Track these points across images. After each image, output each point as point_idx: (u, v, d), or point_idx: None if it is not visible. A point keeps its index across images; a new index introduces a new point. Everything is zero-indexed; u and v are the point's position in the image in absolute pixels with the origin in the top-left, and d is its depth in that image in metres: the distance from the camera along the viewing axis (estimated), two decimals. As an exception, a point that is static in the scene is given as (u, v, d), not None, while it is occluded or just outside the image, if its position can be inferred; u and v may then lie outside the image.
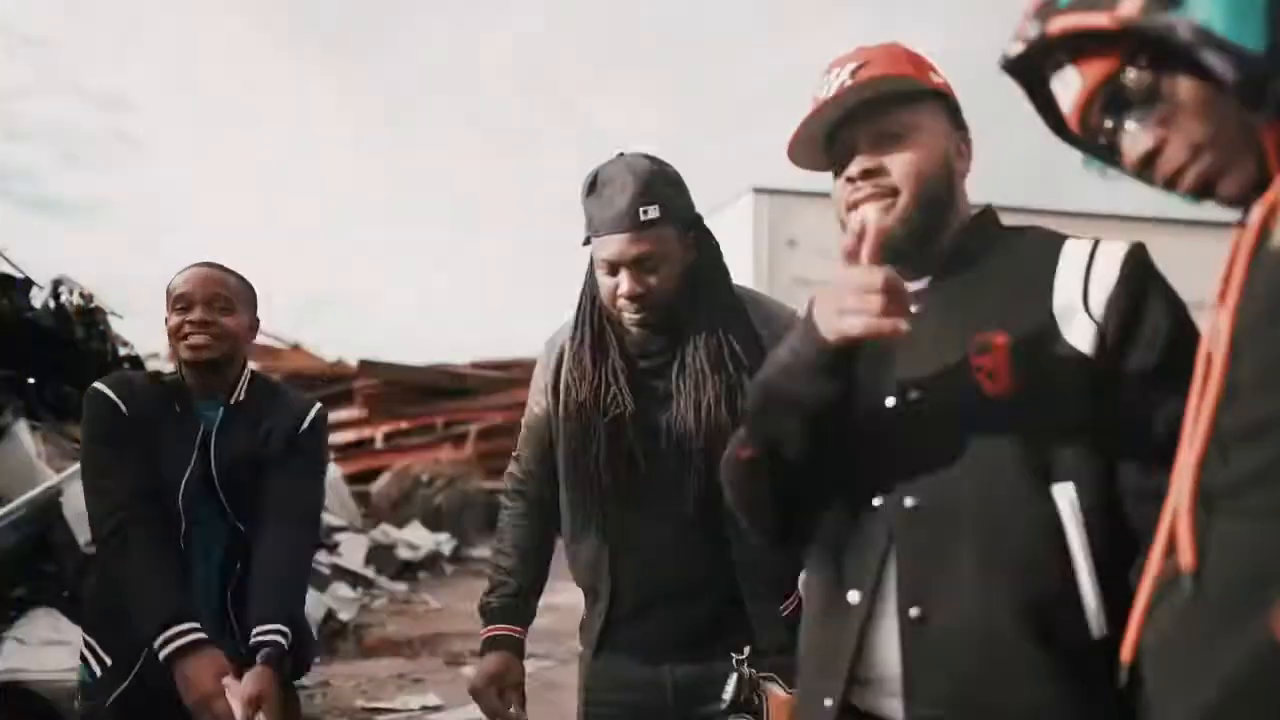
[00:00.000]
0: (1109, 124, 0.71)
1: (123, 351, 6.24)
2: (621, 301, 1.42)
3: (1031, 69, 0.77)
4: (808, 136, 1.02)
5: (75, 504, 3.99)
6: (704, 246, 1.50)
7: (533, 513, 1.64)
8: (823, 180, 1.09)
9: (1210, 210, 0.73)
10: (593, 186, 1.44)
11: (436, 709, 3.93)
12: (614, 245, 1.39)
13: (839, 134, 1.01)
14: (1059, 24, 0.69)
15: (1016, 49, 0.74)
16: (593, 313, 1.50)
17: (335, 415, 14.54)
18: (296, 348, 17.25)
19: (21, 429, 4.42)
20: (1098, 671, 0.82)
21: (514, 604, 1.59)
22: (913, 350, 0.93)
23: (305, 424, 1.77)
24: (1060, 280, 0.91)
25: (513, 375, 15.14)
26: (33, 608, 3.46)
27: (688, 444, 1.43)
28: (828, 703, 0.94)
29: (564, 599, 8.16)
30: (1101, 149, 0.75)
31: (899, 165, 0.98)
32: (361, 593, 6.87)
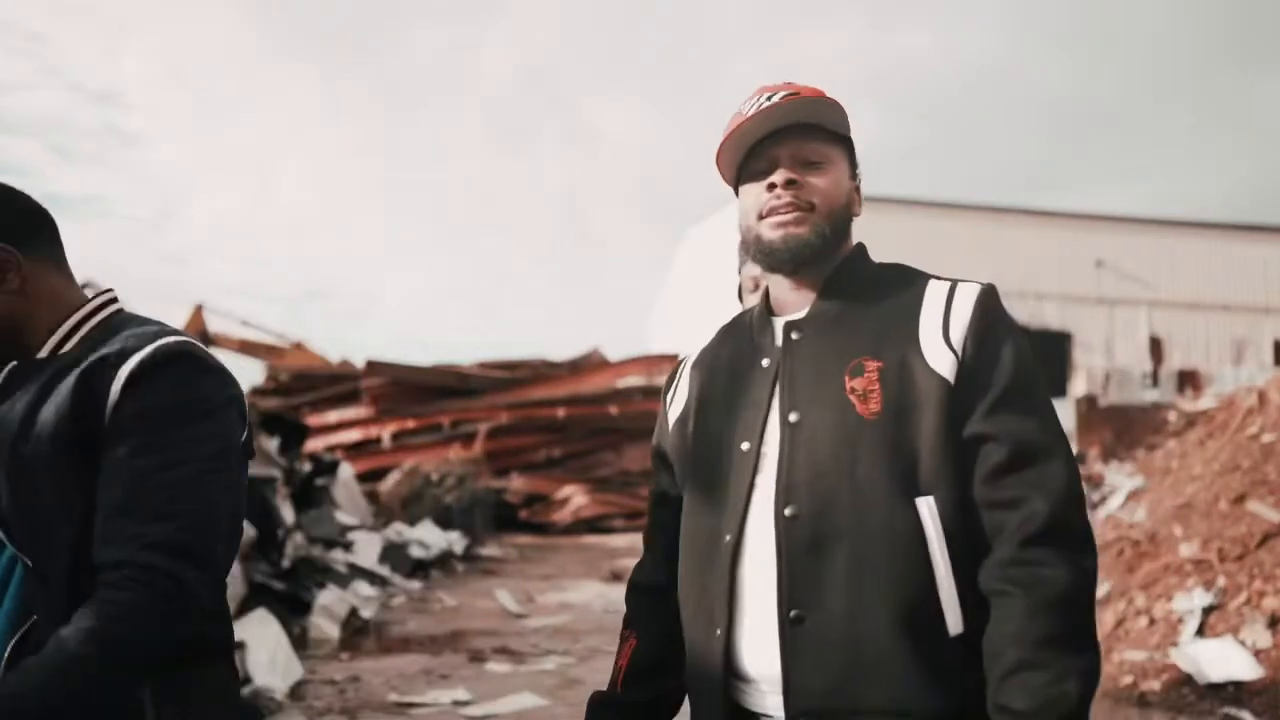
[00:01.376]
0: None
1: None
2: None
3: None
4: (733, 144, 1.09)
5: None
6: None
7: None
8: None
9: (1210, 213, 0.82)
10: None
11: (466, 703, 4.05)
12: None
13: (762, 149, 1.08)
14: None
15: None
16: None
17: (342, 414, 14.64)
18: (299, 346, 17.32)
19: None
20: (956, 664, 0.92)
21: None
22: (795, 375, 1.02)
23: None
24: (924, 314, 1.00)
25: (518, 375, 15.25)
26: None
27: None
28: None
29: (577, 597, 8.29)
30: None
31: (819, 186, 1.07)
32: (379, 591, 6.98)
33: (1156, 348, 21.79)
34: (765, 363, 1.07)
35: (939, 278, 1.06)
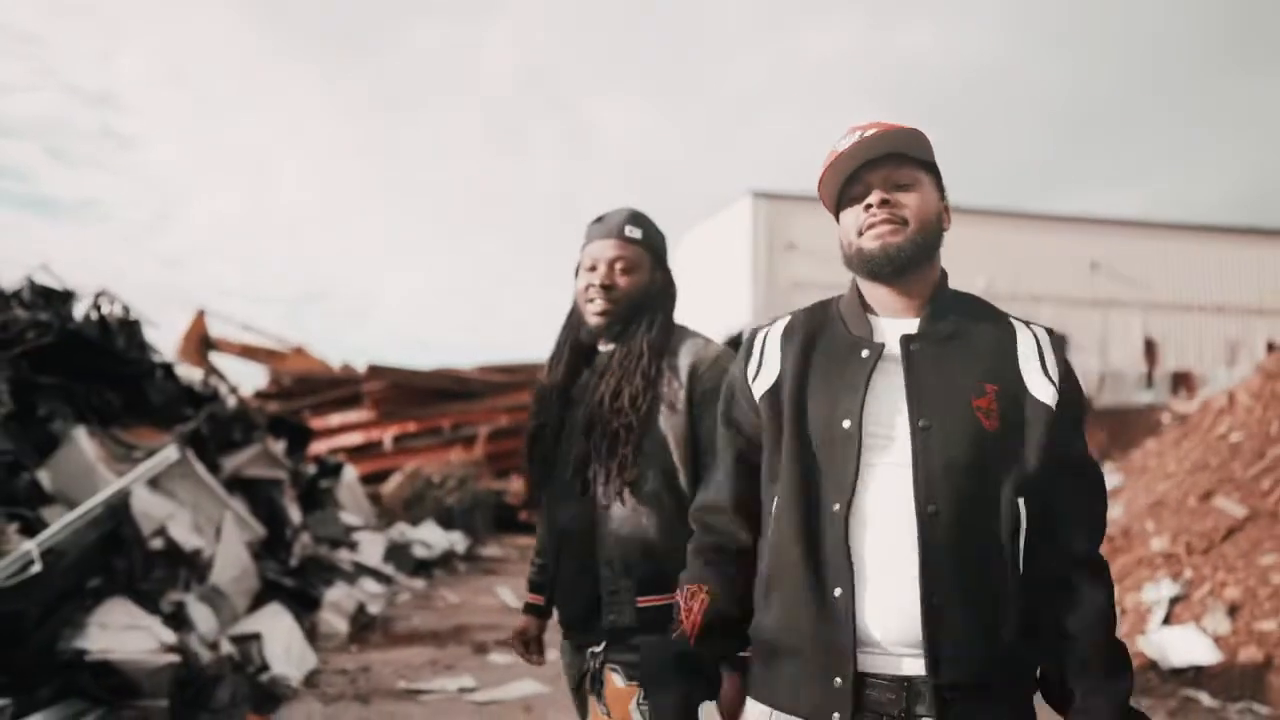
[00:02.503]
0: None
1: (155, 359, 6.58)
2: (593, 290, 1.68)
3: None
4: (833, 175, 1.26)
5: (144, 503, 4.34)
6: (666, 285, 1.76)
7: None
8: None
9: (1207, 215, 0.94)
10: (598, 219, 1.75)
11: (472, 690, 4.27)
12: (600, 247, 1.70)
13: (857, 177, 1.26)
14: None
15: None
16: (567, 321, 1.79)
17: (344, 417, 14.85)
18: (300, 350, 17.51)
19: (80, 435, 4.74)
20: (1030, 645, 1.14)
21: (537, 579, 1.87)
22: (923, 385, 1.17)
23: None
24: (1021, 350, 1.22)
25: (517, 379, 15.45)
26: (108, 597, 3.80)
27: (593, 430, 1.64)
28: (838, 681, 1.11)
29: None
30: None
31: (910, 203, 1.24)
32: (385, 588, 7.20)
33: (1151, 350, 21.99)
34: (865, 353, 1.21)
35: (1012, 316, 1.28)
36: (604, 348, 1.72)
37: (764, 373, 1.28)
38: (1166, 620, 4.61)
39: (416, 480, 11.03)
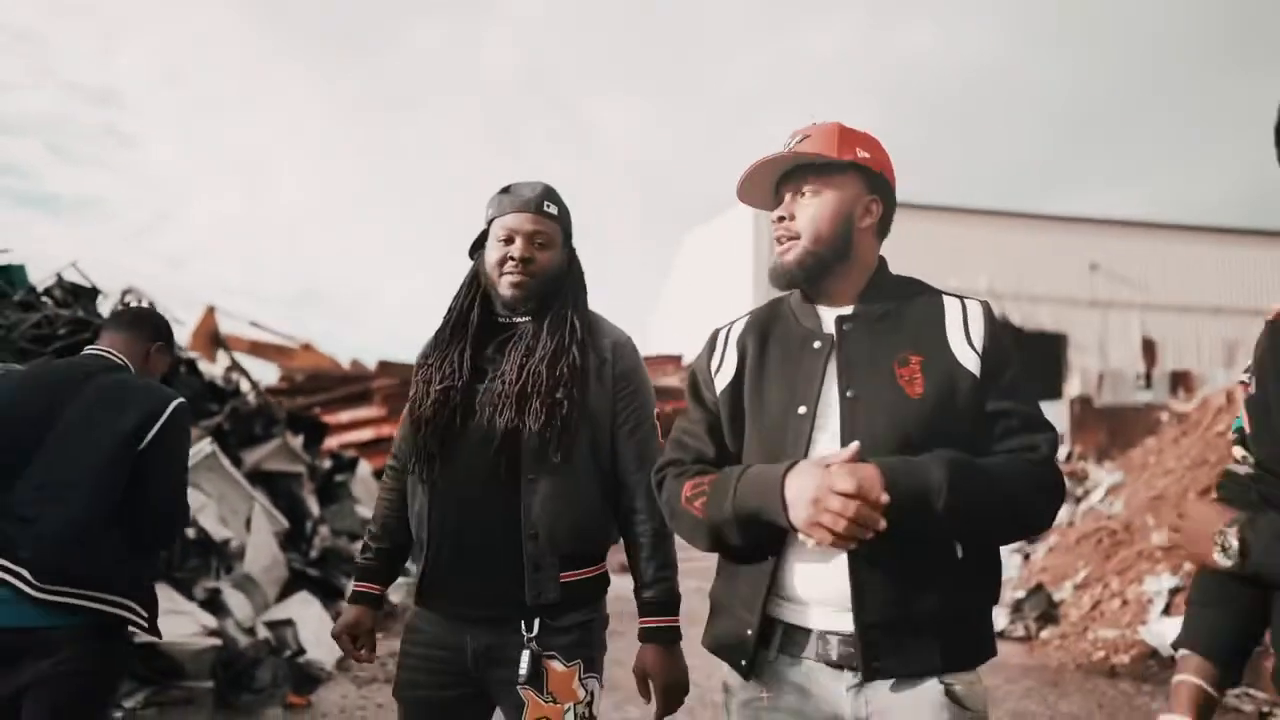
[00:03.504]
0: None
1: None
2: (509, 264, 1.63)
3: None
4: (756, 183, 1.40)
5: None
6: (575, 265, 1.74)
7: (398, 487, 1.79)
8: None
9: (1207, 216, 1.05)
10: (505, 190, 1.71)
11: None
12: (517, 220, 1.65)
13: (781, 183, 1.39)
14: None
15: None
16: (467, 293, 1.71)
17: (354, 414, 14.98)
18: (307, 347, 17.62)
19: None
20: (966, 580, 1.22)
21: (373, 565, 1.81)
22: (850, 360, 1.27)
23: None
24: (948, 321, 1.30)
25: (524, 376, 15.56)
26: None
27: (501, 408, 1.57)
28: (749, 629, 1.27)
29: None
30: None
31: (804, 216, 1.33)
32: (402, 578, 7.34)
33: (1150, 350, 22.10)
34: (817, 344, 1.31)
35: (946, 292, 1.35)
36: (519, 320, 1.67)
37: (724, 368, 1.38)
38: (1166, 610, 4.76)
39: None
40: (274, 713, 3.80)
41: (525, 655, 1.52)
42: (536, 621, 1.54)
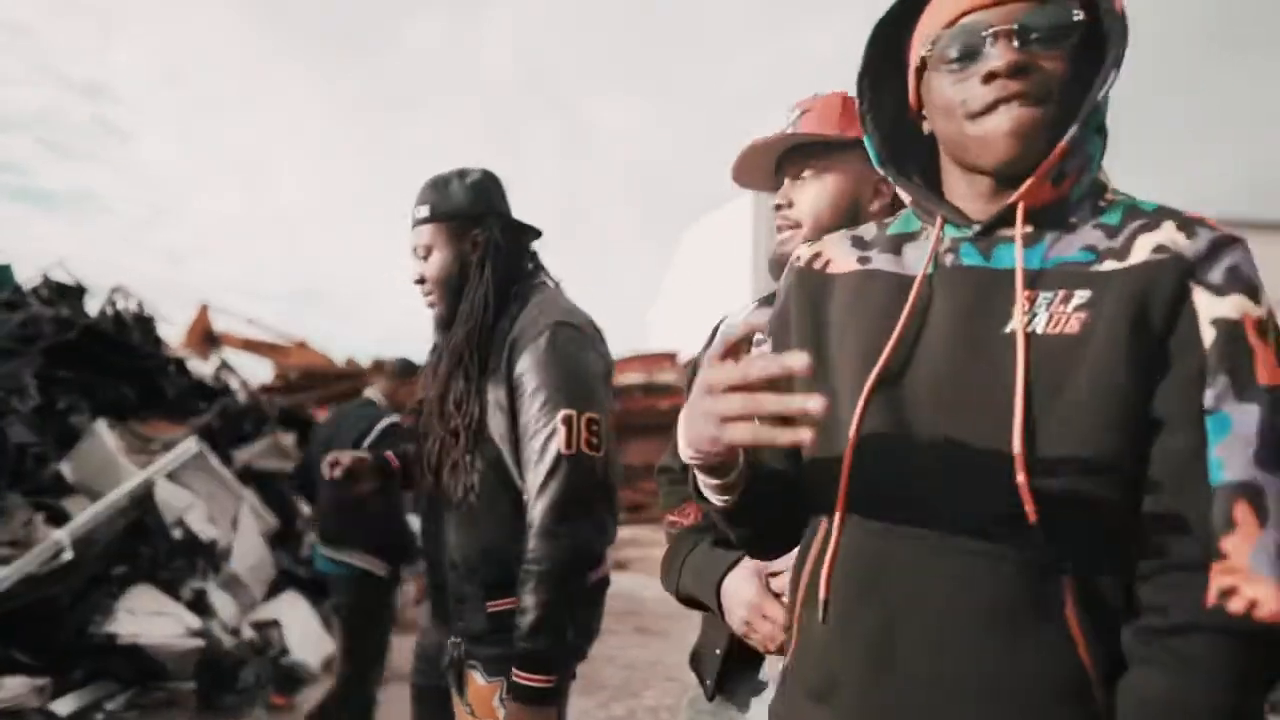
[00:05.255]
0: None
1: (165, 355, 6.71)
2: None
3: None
4: (752, 166, 1.27)
5: (164, 494, 4.47)
6: (485, 247, 1.55)
7: None
8: None
9: (1207, 209, 0.82)
10: None
11: (484, 675, 4.41)
12: (410, 238, 1.60)
13: (781, 165, 1.25)
14: None
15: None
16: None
17: (349, 412, 14.94)
18: (302, 345, 17.61)
19: (102, 428, 4.88)
20: None
21: None
22: None
23: None
24: None
25: (520, 373, 15.54)
26: (133, 584, 3.94)
27: (430, 435, 1.56)
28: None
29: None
30: None
31: (804, 201, 1.21)
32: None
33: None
34: None
35: None
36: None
37: None
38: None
39: (421, 473, 11.15)
40: (257, 714, 3.78)
41: (446, 658, 1.54)
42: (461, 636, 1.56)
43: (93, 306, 6.19)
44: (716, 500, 0.86)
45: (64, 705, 3.28)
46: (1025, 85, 0.77)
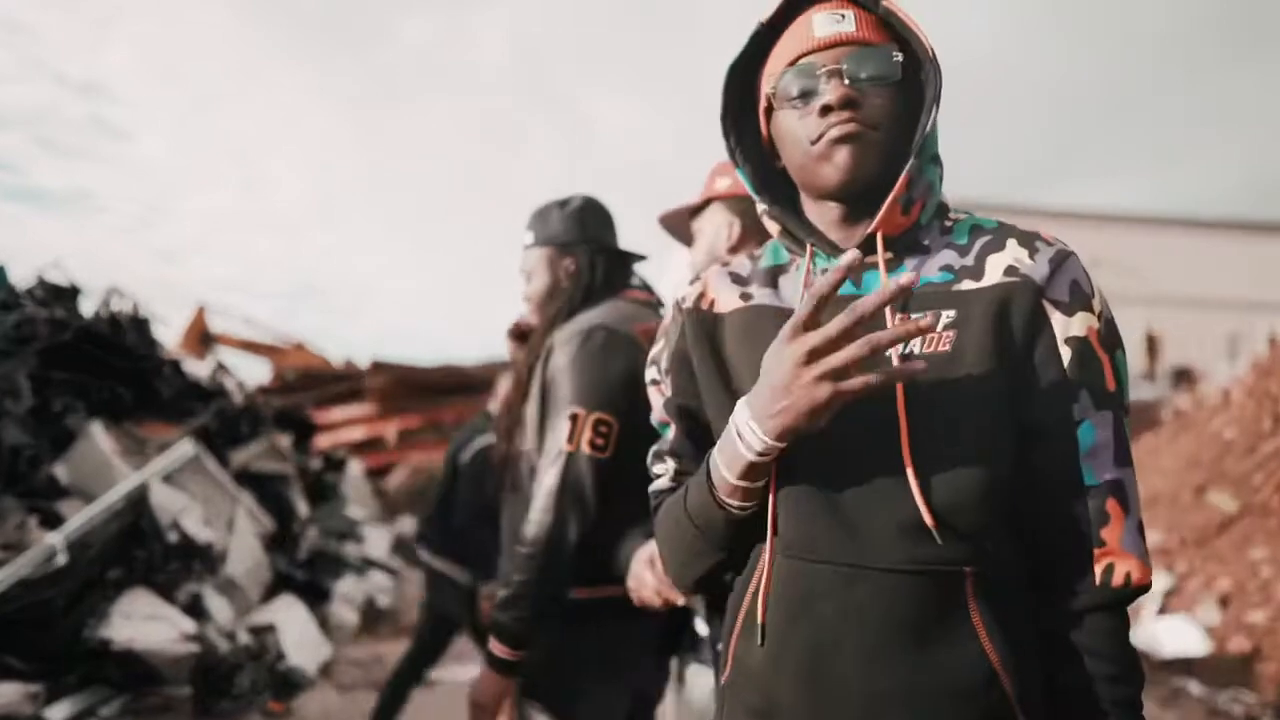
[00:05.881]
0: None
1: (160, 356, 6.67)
2: None
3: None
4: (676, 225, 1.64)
5: (160, 497, 4.43)
6: (575, 270, 1.70)
7: None
8: None
9: (1209, 209, 1.02)
10: None
11: (482, 679, 4.38)
12: None
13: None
14: None
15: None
16: None
17: (347, 412, 14.94)
18: (300, 346, 17.58)
19: (97, 430, 4.84)
20: None
21: None
22: None
23: None
24: None
25: (518, 373, 15.52)
26: (128, 588, 3.90)
27: (499, 440, 1.72)
28: None
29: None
30: None
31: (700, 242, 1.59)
32: (392, 581, 7.30)
33: (1152, 345, 22.12)
34: None
35: None
36: None
37: None
38: (1161, 611, 4.72)
39: (420, 475, 11.13)
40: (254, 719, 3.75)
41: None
42: None
43: (88, 307, 6.15)
44: (738, 508, 0.89)
45: (58, 711, 3.24)
46: (855, 115, 0.87)
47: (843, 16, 0.89)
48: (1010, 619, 0.84)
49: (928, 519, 0.82)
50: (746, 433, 0.83)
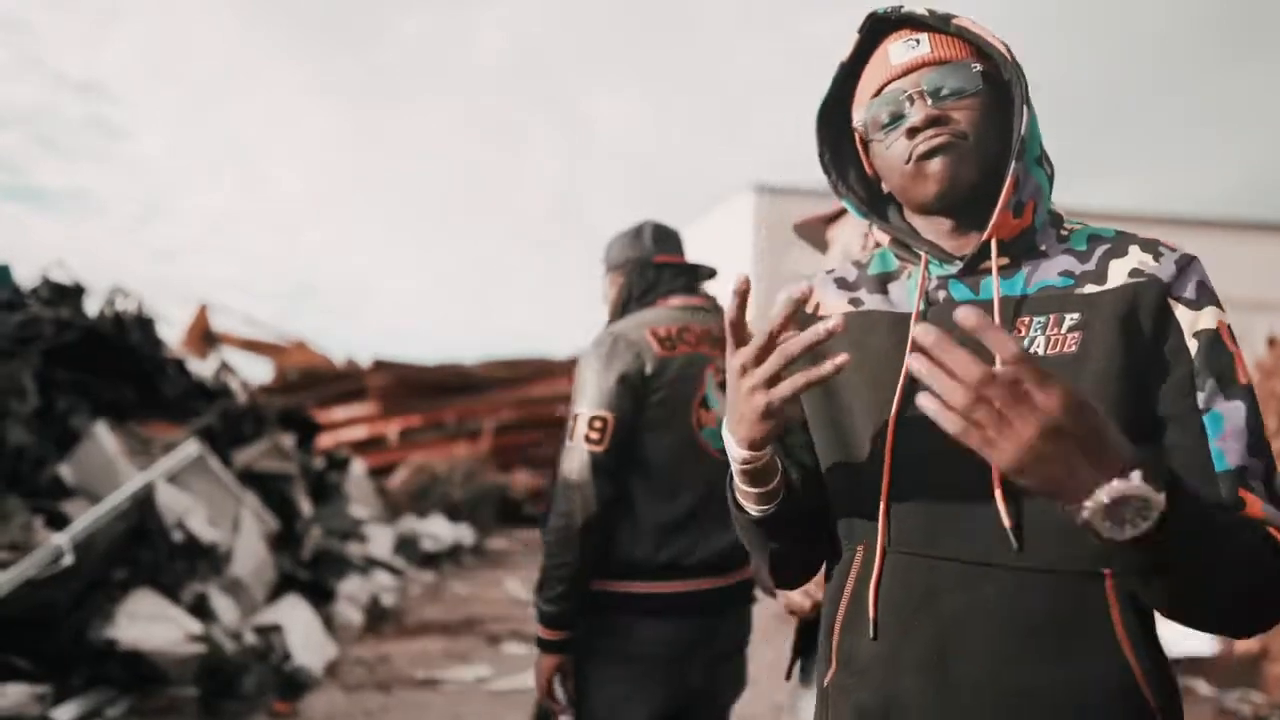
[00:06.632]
0: None
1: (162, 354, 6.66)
2: None
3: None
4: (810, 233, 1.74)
5: (165, 497, 4.43)
6: (620, 288, 1.90)
7: None
8: (822, 178, 1.12)
9: (1207, 209, 1.04)
10: None
11: (489, 679, 4.37)
12: None
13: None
14: None
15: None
16: None
17: (349, 411, 14.92)
18: (301, 345, 17.56)
19: (101, 430, 4.83)
20: None
21: None
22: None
23: None
24: None
25: (521, 373, 15.53)
26: (134, 588, 3.89)
27: None
28: None
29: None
30: None
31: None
32: (396, 581, 7.30)
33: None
34: None
35: None
36: None
37: None
38: (1166, 611, 4.71)
39: (423, 474, 11.12)
40: (260, 720, 3.74)
41: None
42: None
43: (92, 307, 6.14)
44: (755, 510, 0.92)
45: (64, 712, 3.23)
46: (941, 132, 0.89)
47: (917, 41, 0.92)
48: (1152, 631, 0.83)
49: (1006, 521, 0.82)
50: (729, 446, 0.88)
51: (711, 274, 1.93)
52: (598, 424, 1.65)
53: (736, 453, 0.87)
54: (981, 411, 0.66)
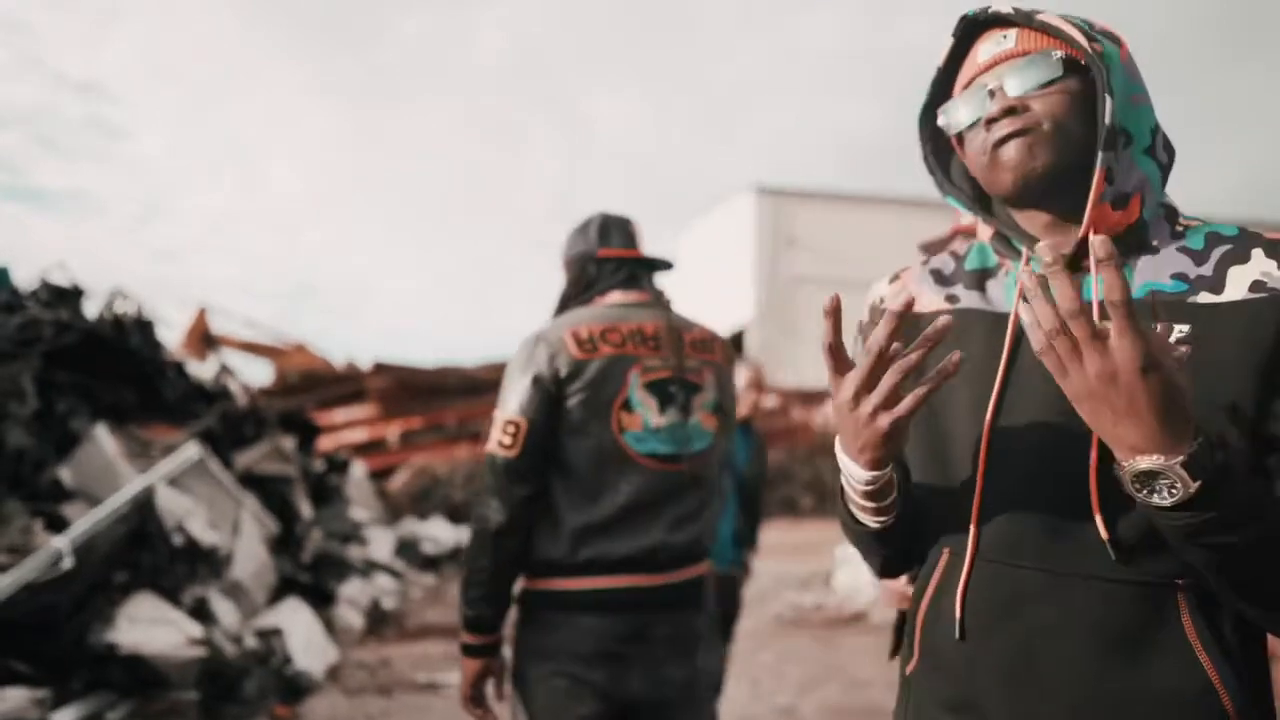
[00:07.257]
0: None
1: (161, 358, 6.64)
2: None
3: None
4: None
5: (165, 500, 4.41)
6: (567, 283, 1.88)
7: None
8: (822, 178, 1.31)
9: (1206, 210, 1.00)
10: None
11: (490, 682, 4.35)
12: None
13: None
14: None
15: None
16: None
17: (349, 414, 14.91)
18: (301, 348, 17.55)
19: (101, 433, 4.82)
20: None
21: None
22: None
23: None
24: None
25: (521, 375, 15.50)
26: (134, 591, 3.87)
27: None
28: None
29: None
30: None
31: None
32: (397, 583, 7.28)
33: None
34: None
35: None
36: None
37: None
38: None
39: (423, 476, 11.11)
40: (261, 724, 3.72)
41: None
42: None
43: (91, 309, 6.12)
44: (874, 523, 0.94)
45: (64, 716, 3.21)
46: (1017, 121, 0.88)
47: (1005, 37, 0.92)
48: (1229, 632, 0.82)
49: (1103, 532, 0.82)
50: (849, 468, 0.89)
51: (665, 266, 1.85)
52: (510, 429, 1.65)
53: (860, 474, 0.88)
54: (1061, 339, 0.71)
